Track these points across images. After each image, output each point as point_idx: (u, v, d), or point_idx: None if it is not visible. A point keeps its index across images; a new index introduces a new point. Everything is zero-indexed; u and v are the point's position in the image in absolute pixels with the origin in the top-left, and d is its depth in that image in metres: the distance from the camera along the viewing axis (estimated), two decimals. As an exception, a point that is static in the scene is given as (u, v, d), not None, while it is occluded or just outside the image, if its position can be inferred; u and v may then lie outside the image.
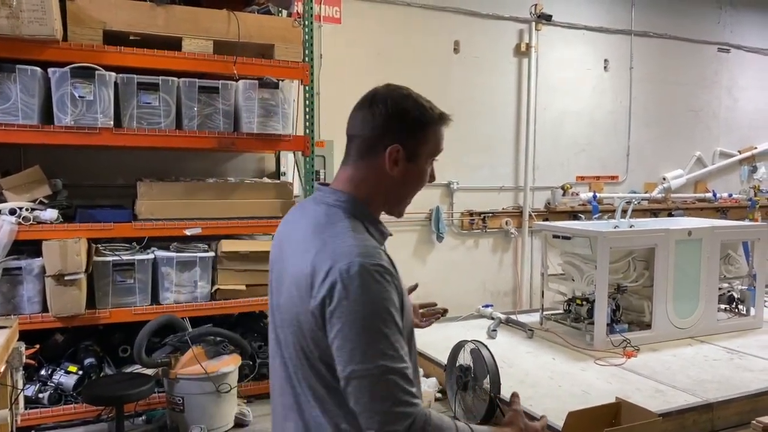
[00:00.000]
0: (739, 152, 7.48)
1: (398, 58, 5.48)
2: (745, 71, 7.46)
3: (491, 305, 5.80)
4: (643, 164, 6.86)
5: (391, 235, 1.49)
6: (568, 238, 5.07)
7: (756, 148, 7.55)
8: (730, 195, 7.28)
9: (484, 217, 5.95)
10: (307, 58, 4.06)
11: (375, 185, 1.43)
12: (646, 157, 6.87)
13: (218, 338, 3.56)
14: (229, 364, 3.51)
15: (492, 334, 5.11)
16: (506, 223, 6.06)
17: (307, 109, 4.10)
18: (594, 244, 4.78)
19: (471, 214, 5.90)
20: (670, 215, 6.75)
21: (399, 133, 1.41)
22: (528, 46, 6.00)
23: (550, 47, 6.17)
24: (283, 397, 1.45)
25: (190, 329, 3.54)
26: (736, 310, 5.57)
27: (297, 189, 4.43)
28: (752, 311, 5.47)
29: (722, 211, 7.28)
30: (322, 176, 5.08)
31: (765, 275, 5.53)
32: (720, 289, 5.49)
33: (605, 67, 6.54)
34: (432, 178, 1.51)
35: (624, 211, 5.65)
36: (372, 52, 5.37)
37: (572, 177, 6.45)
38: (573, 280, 5.15)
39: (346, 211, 1.41)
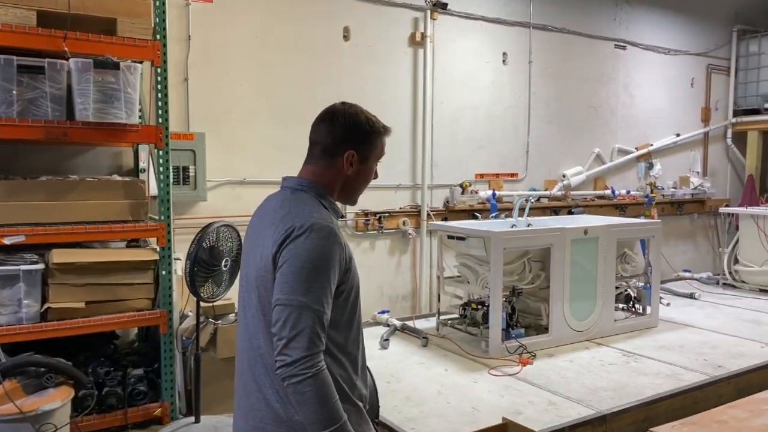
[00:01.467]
0: (636, 149, 7.51)
1: (281, 44, 4.99)
2: (641, 68, 7.49)
3: (388, 311, 5.43)
4: (543, 161, 6.71)
5: (343, 216, 1.87)
6: (463, 239, 4.77)
7: (652, 145, 7.61)
8: (628, 192, 7.28)
9: (380, 217, 5.57)
10: (159, 36, 3.50)
11: (332, 180, 1.80)
12: (546, 154, 6.72)
13: (42, 368, 2.95)
14: (55, 400, 2.92)
15: (384, 344, 4.73)
16: (404, 223, 5.70)
17: (160, 95, 3.54)
18: (488, 245, 4.49)
19: (366, 214, 5.50)
20: (570, 213, 6.64)
21: (354, 141, 1.79)
22: (423, 35, 5.66)
23: (446, 38, 5.87)
24: (249, 353, 1.72)
25: (3, 359, 2.92)
26: (633, 309, 5.48)
27: (153, 188, 3.85)
28: (648, 310, 5.39)
29: (621, 208, 7.27)
30: (192, 172, 4.52)
31: (660, 272, 5.46)
32: (617, 288, 5.38)
33: (504, 61, 6.32)
34: (376, 176, 1.92)
35: (522, 209, 5.43)
36: (250, 36, 4.85)
37: (471, 174, 6.19)
38: (468, 282, 4.86)
39: (308, 191, 1.76)
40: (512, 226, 5.32)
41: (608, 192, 7.11)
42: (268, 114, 4.94)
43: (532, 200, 5.55)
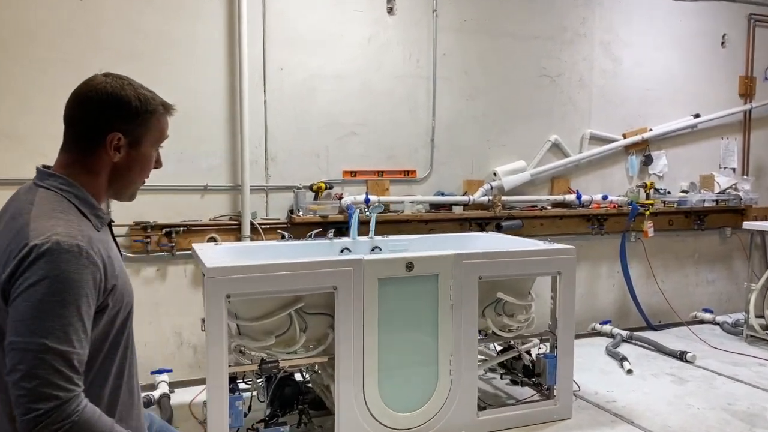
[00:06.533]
0: (624, 136, 5.27)
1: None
2: (632, 20, 5.24)
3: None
4: (460, 154, 4.71)
5: (112, 221, 1.54)
6: (209, 274, 3.00)
7: (650, 129, 5.33)
8: (605, 197, 5.08)
9: (171, 232, 3.90)
10: None
11: (94, 170, 1.43)
12: (465, 144, 4.72)
13: None
14: None
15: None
16: (211, 240, 4.00)
17: None
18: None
19: (145, 227, 3.86)
20: (498, 227, 4.62)
21: (119, 121, 1.42)
22: (236, -31, 3.94)
23: (282, -26, 4.11)
24: None
25: None
26: (540, 388, 3.44)
27: None
28: (556, 391, 3.32)
29: (595, 220, 5.09)
30: None
31: (573, 330, 3.37)
32: (507, 350, 3.40)
33: (390, 9, 4.42)
34: (159, 164, 1.55)
35: (364, 223, 3.59)
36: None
37: (337, 172, 4.35)
38: (220, 343, 3.08)
39: (60, 192, 1.39)
40: (342, 251, 3.48)
41: (572, 197, 4.97)
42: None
43: (368, 211, 3.64)
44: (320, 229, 3.67)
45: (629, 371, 4.04)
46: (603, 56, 5.15)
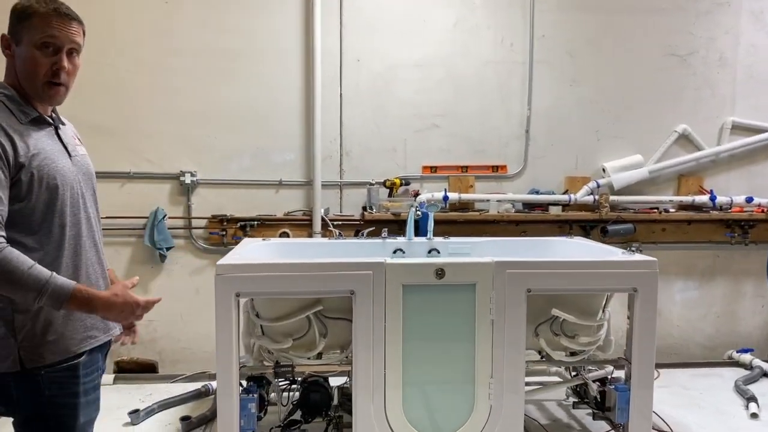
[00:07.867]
0: (781, 125, 4.31)
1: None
2: (796, -18, 4.26)
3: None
4: (561, 147, 4.18)
5: (39, 114, 1.69)
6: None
7: (820, 116, 4.30)
8: (750, 199, 4.19)
9: (246, 225, 3.95)
10: None
11: (12, 74, 1.70)
12: (568, 136, 4.17)
13: None
14: None
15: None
16: (283, 236, 3.98)
17: None
18: (225, 285, 2.63)
19: (222, 221, 3.95)
20: (604, 231, 4.04)
21: (10, 25, 1.70)
22: (312, -41, 3.84)
23: (359, -40, 3.94)
24: None
25: None
26: (614, 424, 2.91)
27: None
28: (630, 429, 2.77)
29: (737, 227, 4.23)
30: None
31: (653, 354, 2.77)
32: (574, 376, 2.93)
33: (480, -10, 4.05)
34: (61, 66, 1.67)
35: (442, 223, 3.34)
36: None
37: (416, 167, 4.10)
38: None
39: None
40: (395, 252, 3.25)
41: (704, 198, 4.17)
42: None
43: (438, 206, 3.33)
44: (372, 228, 3.45)
45: (754, 415, 3.26)
46: (753, 28, 4.25)
